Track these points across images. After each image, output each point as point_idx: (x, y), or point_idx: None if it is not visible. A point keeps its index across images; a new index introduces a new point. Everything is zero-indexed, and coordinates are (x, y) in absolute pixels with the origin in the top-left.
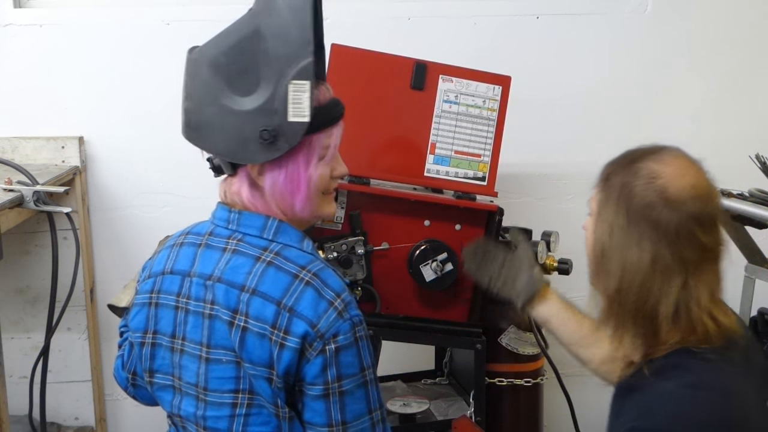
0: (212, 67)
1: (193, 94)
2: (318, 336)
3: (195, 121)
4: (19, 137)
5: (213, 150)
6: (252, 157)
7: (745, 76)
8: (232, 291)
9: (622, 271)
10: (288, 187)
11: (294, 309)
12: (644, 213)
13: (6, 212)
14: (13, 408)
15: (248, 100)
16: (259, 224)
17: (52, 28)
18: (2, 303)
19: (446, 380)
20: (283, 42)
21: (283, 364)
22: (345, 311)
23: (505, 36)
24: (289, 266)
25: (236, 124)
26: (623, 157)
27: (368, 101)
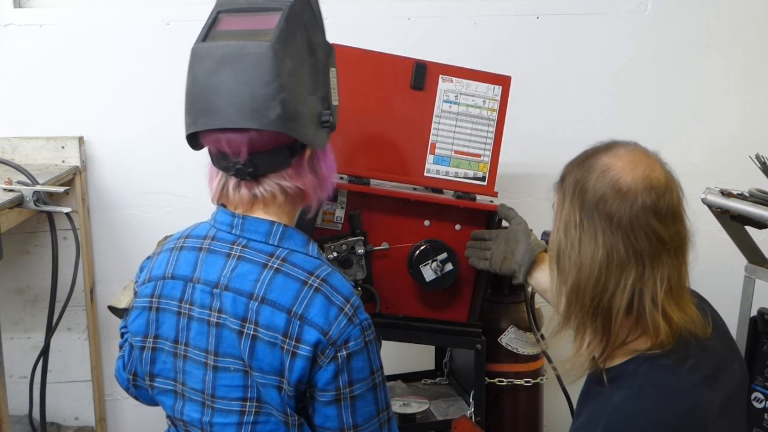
0: (292, 57)
1: (287, 84)
2: (330, 343)
3: (293, 111)
4: (19, 137)
5: (304, 139)
6: (322, 141)
7: (746, 75)
8: (240, 299)
9: (579, 267)
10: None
11: (305, 317)
12: (597, 206)
13: (6, 212)
14: (13, 408)
15: (315, 85)
16: (264, 229)
17: (52, 28)
18: (2, 303)
19: (446, 380)
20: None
21: (296, 373)
22: (355, 316)
23: (505, 36)
24: (297, 272)
25: (312, 112)
26: (578, 156)
27: (368, 101)
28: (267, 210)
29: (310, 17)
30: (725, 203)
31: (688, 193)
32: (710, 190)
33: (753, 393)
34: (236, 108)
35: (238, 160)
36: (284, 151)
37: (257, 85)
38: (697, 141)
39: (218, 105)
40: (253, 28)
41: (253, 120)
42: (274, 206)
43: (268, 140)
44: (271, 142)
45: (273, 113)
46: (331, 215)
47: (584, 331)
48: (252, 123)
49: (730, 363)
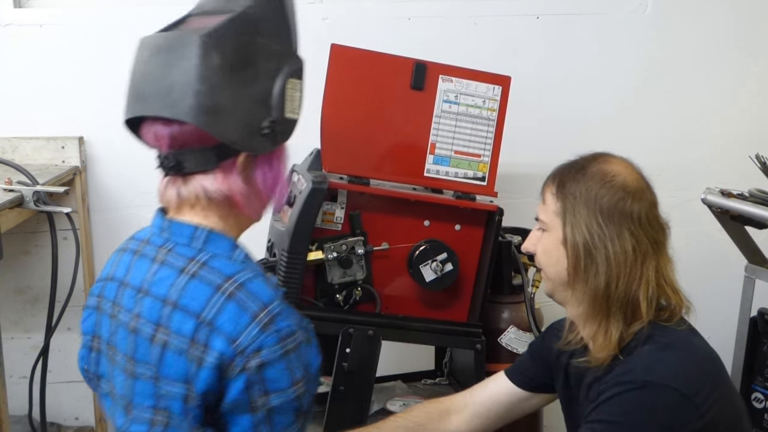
0: (222, 54)
1: (207, 76)
2: (238, 353)
3: (210, 104)
4: (19, 137)
5: (225, 137)
6: (257, 147)
7: (746, 75)
8: (156, 304)
9: (609, 264)
10: (273, 183)
11: (213, 323)
12: (617, 207)
13: (6, 212)
14: (13, 408)
15: (252, 91)
16: (188, 233)
17: (52, 28)
18: (2, 303)
19: (446, 380)
20: (276, 41)
21: (202, 383)
22: (271, 323)
23: (505, 36)
24: (213, 277)
25: (246, 112)
26: (569, 167)
27: (368, 101)
28: (194, 212)
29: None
30: (725, 203)
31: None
32: (710, 191)
33: (753, 393)
34: (156, 96)
35: (162, 153)
36: (210, 151)
37: (178, 74)
38: (697, 141)
39: (144, 92)
40: (201, 25)
41: (167, 108)
42: (200, 209)
43: (190, 136)
44: (195, 139)
45: (186, 103)
46: (331, 215)
47: (609, 323)
48: (164, 111)
49: None
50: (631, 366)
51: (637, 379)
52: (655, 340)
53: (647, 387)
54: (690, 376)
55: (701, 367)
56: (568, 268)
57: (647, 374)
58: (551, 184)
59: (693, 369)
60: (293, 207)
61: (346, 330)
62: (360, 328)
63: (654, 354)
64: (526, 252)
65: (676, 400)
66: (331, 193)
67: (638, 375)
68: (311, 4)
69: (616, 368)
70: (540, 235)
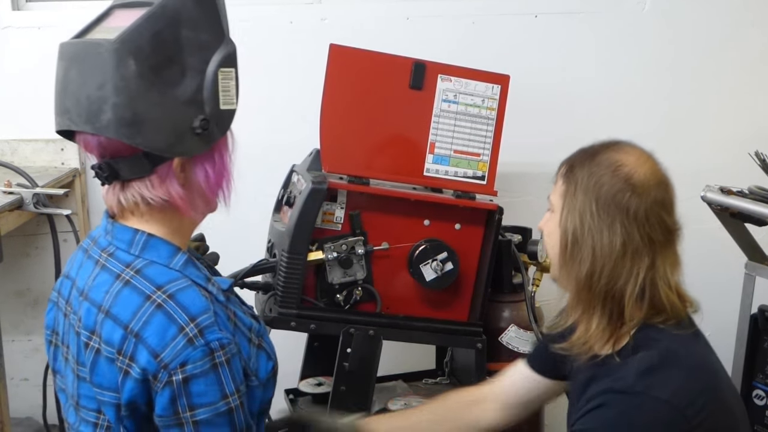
0: (138, 58)
1: (122, 86)
2: (162, 367)
3: (129, 116)
4: (19, 139)
5: (150, 146)
6: (188, 150)
7: (744, 73)
8: (92, 310)
9: (594, 255)
10: (217, 179)
11: (140, 335)
12: (614, 199)
13: (6, 215)
14: (14, 410)
15: (178, 91)
16: (127, 238)
17: (50, 30)
18: (3, 305)
19: (447, 379)
20: (203, 30)
21: (127, 393)
22: (198, 337)
23: (504, 35)
24: (145, 286)
25: (170, 116)
26: (583, 152)
27: (367, 101)
28: (135, 218)
29: (194, 13)
30: (725, 200)
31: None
32: (710, 188)
33: (754, 390)
34: (76, 110)
35: (96, 162)
36: (141, 158)
37: (92, 87)
38: (696, 139)
39: (66, 105)
40: (118, 25)
41: (88, 123)
42: (140, 214)
43: (119, 146)
44: (125, 147)
45: (105, 117)
46: (331, 215)
47: (592, 314)
48: (87, 126)
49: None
50: (623, 374)
51: (627, 389)
52: (650, 346)
53: (637, 398)
54: (682, 387)
55: (695, 377)
56: (559, 252)
57: (637, 384)
58: (564, 166)
59: (686, 379)
60: (293, 207)
61: (347, 330)
62: (361, 328)
63: (646, 362)
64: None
65: (666, 413)
66: (330, 193)
67: (629, 384)
68: (310, 4)
69: (609, 373)
70: (549, 216)
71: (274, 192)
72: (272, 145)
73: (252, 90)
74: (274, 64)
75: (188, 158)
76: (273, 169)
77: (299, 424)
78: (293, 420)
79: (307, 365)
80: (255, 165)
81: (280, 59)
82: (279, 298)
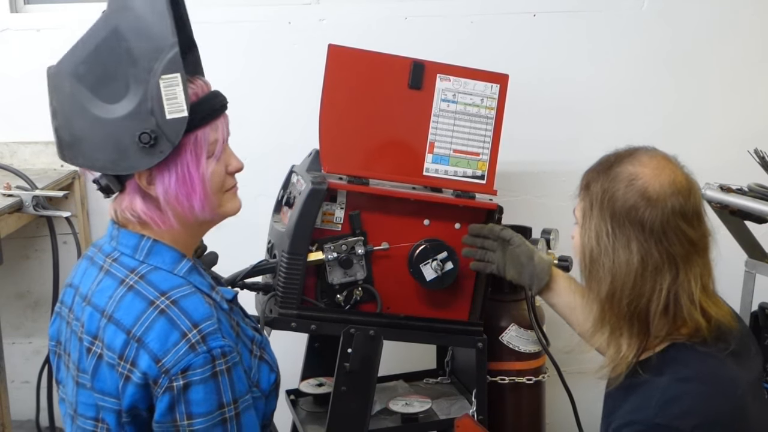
0: (74, 78)
1: (59, 110)
2: (163, 372)
3: (68, 138)
4: (18, 142)
5: (93, 165)
6: (135, 165)
7: (743, 71)
8: (95, 315)
9: (612, 275)
10: (182, 191)
11: (142, 340)
12: (629, 215)
13: (5, 217)
14: (15, 413)
15: (119, 106)
16: (133, 243)
17: (49, 32)
18: (3, 308)
19: (448, 379)
20: (144, 38)
21: (128, 399)
22: (201, 343)
23: (503, 34)
24: (149, 291)
25: (110, 133)
26: (600, 164)
27: (366, 101)
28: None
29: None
30: (725, 198)
31: None
32: (709, 186)
33: None
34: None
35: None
36: (109, 174)
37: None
38: (695, 137)
39: None
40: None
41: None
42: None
43: None
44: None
45: (56, 141)
46: (331, 216)
47: (620, 335)
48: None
49: (749, 348)
50: (644, 402)
51: (647, 420)
52: (674, 370)
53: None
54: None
55: (715, 405)
56: (580, 270)
57: (657, 416)
58: (583, 179)
59: (706, 407)
60: (293, 208)
61: (347, 330)
62: (361, 328)
63: (669, 390)
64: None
65: None
66: (330, 193)
67: (649, 415)
68: (308, 5)
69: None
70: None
71: (273, 192)
72: (271, 145)
73: (251, 91)
74: (273, 65)
75: (147, 171)
76: (272, 170)
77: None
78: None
79: (308, 366)
80: (254, 165)
81: (279, 60)
82: (279, 299)
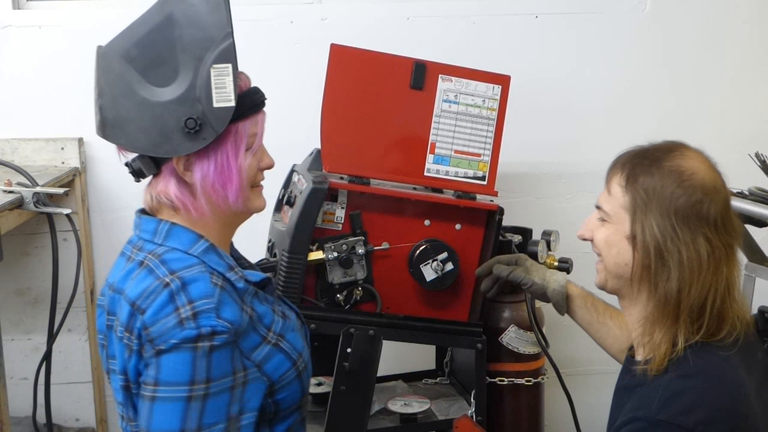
0: (125, 60)
1: (107, 90)
2: (149, 339)
3: (112, 118)
4: (19, 139)
5: (134, 146)
6: (177, 149)
7: (745, 74)
8: (116, 297)
9: (681, 269)
10: (219, 179)
11: (144, 310)
12: (695, 210)
13: (6, 214)
14: (13, 409)
15: (168, 90)
16: (151, 228)
17: (51, 29)
18: (2, 304)
19: (447, 380)
20: (198, 26)
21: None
22: (190, 320)
23: (505, 35)
24: (160, 270)
25: (157, 116)
26: (640, 157)
27: (368, 101)
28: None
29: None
30: None
31: None
32: None
33: None
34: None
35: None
36: (145, 157)
37: (94, 90)
38: (696, 139)
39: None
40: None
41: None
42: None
43: None
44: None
45: (97, 119)
46: (332, 215)
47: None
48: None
49: (756, 351)
50: (647, 399)
51: (650, 416)
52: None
53: (657, 427)
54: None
55: (718, 402)
56: (634, 267)
57: (660, 412)
58: (619, 173)
59: (709, 404)
60: (294, 207)
61: (347, 330)
62: (361, 328)
63: (672, 386)
64: (581, 239)
65: None
66: (331, 193)
67: (652, 411)
68: (310, 4)
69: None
70: (599, 224)
71: (274, 192)
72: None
73: None
74: (275, 64)
75: (192, 157)
76: (273, 169)
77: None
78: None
79: None
80: None
81: (281, 59)
82: None
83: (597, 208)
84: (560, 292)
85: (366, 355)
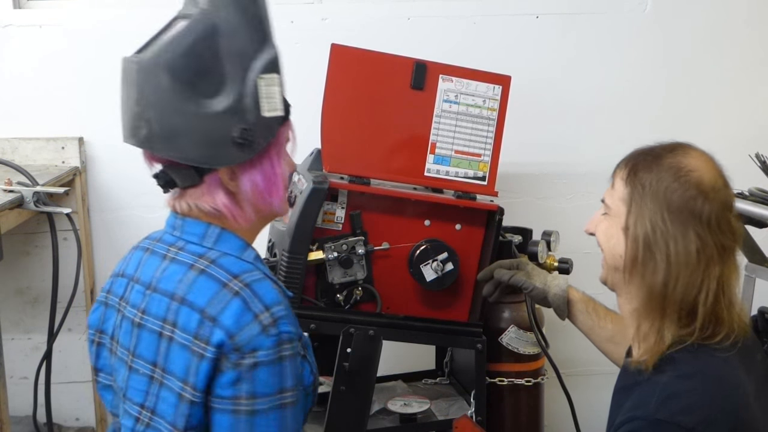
0: (170, 72)
1: (154, 102)
2: (235, 348)
3: (162, 131)
4: (19, 138)
5: (186, 158)
6: (227, 160)
7: (745, 74)
8: (164, 300)
9: (668, 263)
10: (266, 186)
11: (217, 319)
12: (687, 205)
13: (6, 213)
14: (13, 409)
15: (216, 102)
16: (200, 231)
17: (51, 28)
18: (2, 304)
19: (447, 380)
20: (242, 37)
21: (201, 376)
22: (272, 326)
23: (505, 35)
24: (221, 274)
25: (207, 128)
26: (643, 154)
27: (368, 101)
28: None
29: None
30: None
31: None
32: None
33: None
34: (128, 125)
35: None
36: (190, 168)
37: (133, 102)
38: (696, 140)
39: (124, 120)
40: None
41: (133, 137)
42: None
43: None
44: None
45: (142, 132)
46: (332, 215)
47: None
48: (132, 140)
49: (755, 353)
50: (645, 399)
51: (648, 415)
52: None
53: (656, 426)
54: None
55: (717, 403)
56: (625, 258)
57: (658, 412)
58: (623, 168)
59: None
60: (294, 207)
61: (347, 330)
62: (361, 328)
63: (671, 386)
64: (587, 233)
65: None
66: (331, 192)
67: (650, 411)
68: (311, 4)
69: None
70: (602, 219)
71: None
72: None
73: None
74: None
75: (236, 167)
76: None
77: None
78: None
79: None
80: None
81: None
82: None
83: (602, 202)
84: (561, 297)
85: (366, 355)
